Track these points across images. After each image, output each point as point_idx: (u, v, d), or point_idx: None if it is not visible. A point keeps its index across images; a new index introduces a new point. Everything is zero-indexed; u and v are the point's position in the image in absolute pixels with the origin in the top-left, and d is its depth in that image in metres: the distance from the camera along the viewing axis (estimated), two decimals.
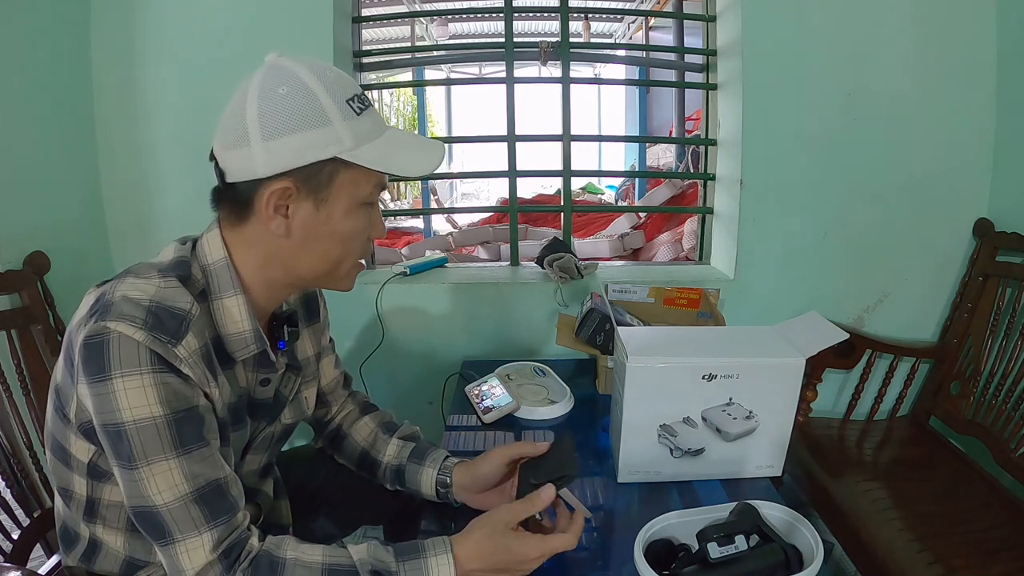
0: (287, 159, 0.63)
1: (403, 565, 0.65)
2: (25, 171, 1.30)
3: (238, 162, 0.65)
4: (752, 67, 1.50)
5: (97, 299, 0.62)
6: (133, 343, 0.59)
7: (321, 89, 0.64)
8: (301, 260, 0.70)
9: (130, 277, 0.64)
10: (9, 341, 1.13)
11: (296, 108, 0.63)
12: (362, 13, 1.69)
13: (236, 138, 0.64)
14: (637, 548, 0.71)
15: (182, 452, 0.61)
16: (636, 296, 1.42)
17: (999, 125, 1.52)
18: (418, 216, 4.20)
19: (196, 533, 0.61)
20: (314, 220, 0.67)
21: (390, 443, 0.93)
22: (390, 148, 0.68)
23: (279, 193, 0.65)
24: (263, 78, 0.64)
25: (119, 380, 0.58)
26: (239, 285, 0.69)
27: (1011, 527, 1.13)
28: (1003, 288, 1.43)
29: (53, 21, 1.37)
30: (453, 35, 4.97)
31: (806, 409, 1.50)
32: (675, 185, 2.72)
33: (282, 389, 0.81)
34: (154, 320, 0.60)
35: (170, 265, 0.67)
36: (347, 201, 0.67)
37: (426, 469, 0.89)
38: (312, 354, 0.88)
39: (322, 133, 0.64)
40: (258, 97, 0.63)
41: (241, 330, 0.69)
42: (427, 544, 0.67)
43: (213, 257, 0.69)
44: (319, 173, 0.65)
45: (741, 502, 0.72)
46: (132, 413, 0.59)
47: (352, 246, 0.71)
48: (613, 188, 4.68)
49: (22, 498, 1.07)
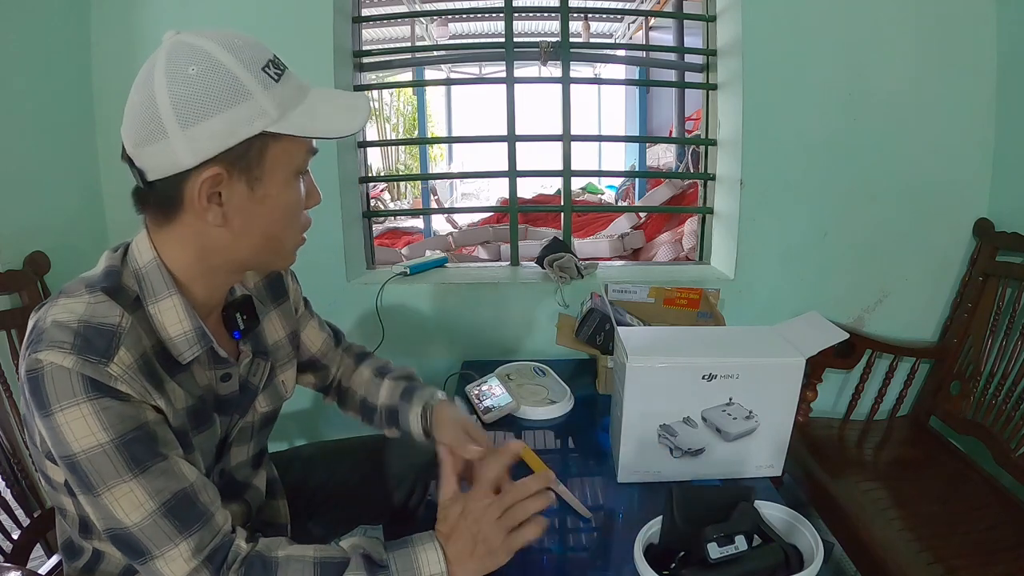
0: (213, 144, 0.59)
1: (392, 553, 0.65)
2: (25, 171, 1.30)
3: (157, 157, 0.60)
4: (752, 67, 1.50)
5: (33, 326, 0.61)
6: (65, 372, 0.57)
7: (233, 61, 0.59)
8: (241, 245, 0.66)
9: (62, 298, 0.61)
10: (9, 341, 1.13)
11: (211, 87, 0.58)
12: (362, 13, 1.69)
13: (150, 132, 0.59)
14: (637, 548, 0.71)
15: (139, 472, 0.59)
16: (636, 296, 1.43)
17: (999, 125, 1.52)
18: (418, 216, 4.21)
19: (172, 545, 0.60)
20: (250, 201, 0.63)
21: (383, 385, 0.93)
22: (315, 111, 0.64)
23: (210, 181, 0.60)
24: (167, 60, 0.59)
25: (59, 414, 0.57)
26: (173, 285, 0.65)
27: (1011, 527, 1.13)
28: (1003, 288, 1.43)
29: (53, 21, 1.37)
30: (453, 35, 4.98)
31: (806, 409, 1.50)
32: (675, 185, 2.72)
33: (251, 379, 0.78)
34: (82, 342, 0.58)
35: (99, 277, 0.64)
36: (282, 174, 0.64)
37: (413, 407, 0.88)
38: (284, 335, 0.85)
39: (245, 109, 0.59)
40: (167, 82, 0.58)
41: (182, 331, 0.66)
42: (413, 537, 0.67)
43: (143, 260, 0.66)
44: (248, 152, 0.61)
45: (738, 486, 0.71)
46: (80, 444, 0.57)
47: (292, 220, 0.68)
48: (613, 188, 4.69)
49: (22, 498, 1.07)
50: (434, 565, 0.65)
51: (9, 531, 1.04)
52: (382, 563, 0.64)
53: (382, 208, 4.90)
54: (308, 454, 1.06)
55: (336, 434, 1.20)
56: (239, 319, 0.75)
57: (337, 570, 0.63)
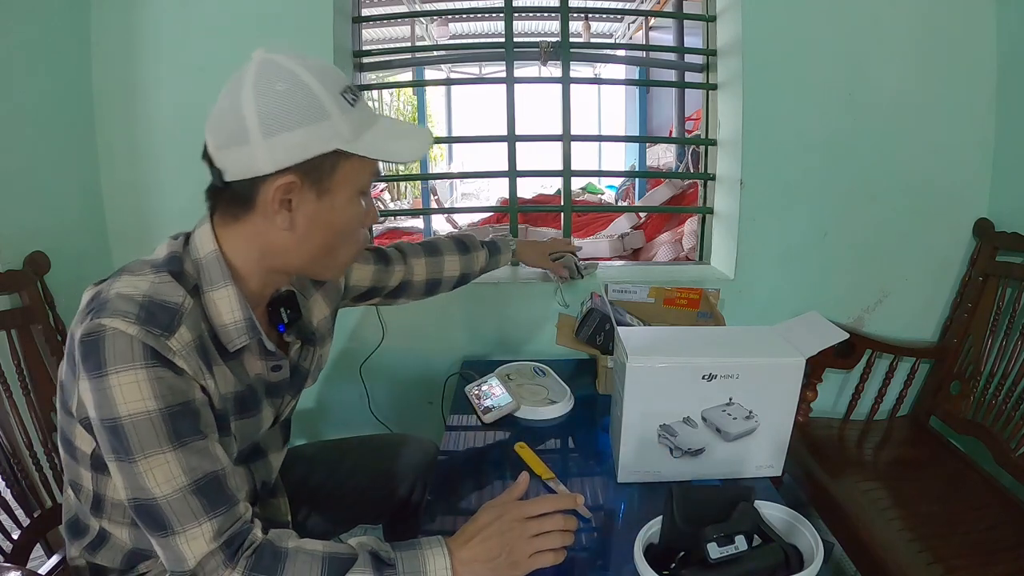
0: (291, 154, 0.64)
1: (400, 553, 0.66)
2: (25, 171, 1.29)
3: (238, 161, 0.65)
4: (752, 67, 1.50)
5: (93, 297, 0.64)
6: (127, 338, 0.60)
7: (317, 84, 0.65)
8: (302, 250, 0.71)
9: (124, 275, 0.65)
10: (9, 341, 1.13)
11: (296, 104, 0.64)
12: (362, 13, 1.69)
13: (234, 137, 0.64)
14: (637, 548, 0.71)
15: (178, 445, 0.61)
16: (636, 296, 1.42)
17: (999, 125, 1.52)
18: (418, 216, 4.20)
19: (196, 524, 0.61)
20: (317, 211, 0.68)
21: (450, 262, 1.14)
22: (384, 136, 0.70)
23: (284, 188, 0.66)
24: (257, 75, 0.64)
25: (114, 376, 0.59)
26: (230, 277, 0.70)
27: (1011, 527, 1.13)
28: (1003, 288, 1.43)
29: (53, 21, 1.37)
30: (453, 35, 4.97)
31: (806, 409, 1.50)
32: (675, 185, 2.72)
33: (301, 363, 0.84)
34: (147, 314, 0.61)
35: (163, 261, 0.68)
36: (348, 191, 0.70)
37: (496, 259, 1.23)
38: (327, 313, 0.91)
39: (323, 127, 0.65)
40: (255, 95, 0.64)
41: (233, 320, 0.70)
42: (421, 540, 0.68)
43: (204, 251, 0.70)
44: (322, 165, 0.66)
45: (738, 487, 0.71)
46: (128, 408, 0.60)
47: (351, 234, 0.74)
48: (613, 188, 4.68)
49: (22, 498, 1.07)
50: (441, 570, 0.65)
51: (9, 531, 1.04)
52: (390, 562, 0.65)
53: (382, 208, 4.90)
54: (309, 453, 1.06)
55: (336, 434, 1.20)
56: (283, 313, 0.79)
57: (344, 566, 0.63)
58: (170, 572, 0.63)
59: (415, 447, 1.09)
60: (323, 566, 0.63)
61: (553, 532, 0.69)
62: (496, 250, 1.23)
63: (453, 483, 0.97)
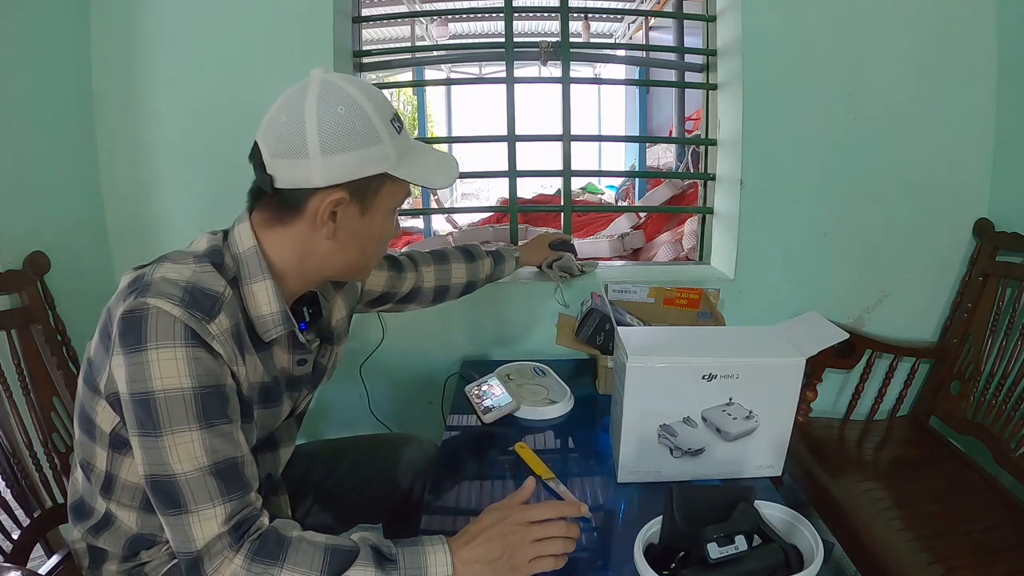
0: (344, 172, 0.70)
1: (401, 549, 0.67)
2: (25, 171, 1.29)
3: (293, 171, 0.69)
4: (752, 67, 1.50)
5: (135, 279, 0.68)
6: (170, 318, 0.63)
7: (373, 111, 0.70)
8: (340, 258, 0.76)
9: (167, 262, 0.69)
10: (9, 341, 1.13)
11: (354, 128, 0.69)
12: (362, 13, 1.69)
13: (293, 150, 0.68)
14: (637, 548, 0.71)
15: (205, 425, 0.64)
16: (636, 296, 1.43)
17: (999, 125, 1.52)
18: (418, 216, 4.20)
19: (210, 505, 0.63)
20: (358, 225, 0.74)
21: (456, 269, 1.17)
22: (422, 163, 0.76)
23: (334, 202, 0.71)
24: (320, 96, 0.69)
25: (153, 351, 0.62)
26: (268, 271, 0.73)
27: (1011, 527, 1.13)
28: (1003, 288, 1.43)
29: (53, 21, 1.37)
30: (453, 35, 4.97)
31: (806, 409, 1.50)
32: (675, 185, 2.72)
33: (320, 360, 0.89)
34: (190, 298, 0.65)
35: (205, 253, 0.72)
36: (386, 208, 0.76)
37: (507, 265, 1.27)
38: (345, 313, 0.94)
39: (375, 151, 0.71)
40: (317, 115, 0.68)
41: (270, 312, 0.74)
42: (423, 537, 0.69)
43: (244, 246, 0.74)
44: (369, 185, 0.72)
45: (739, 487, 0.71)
46: (163, 383, 0.62)
47: (382, 246, 0.82)
48: (613, 188, 4.68)
49: (22, 498, 1.07)
50: (441, 568, 0.66)
51: (9, 531, 1.04)
52: (391, 557, 0.66)
53: None
54: (309, 452, 1.06)
55: (336, 433, 1.20)
56: (305, 312, 0.85)
57: (346, 558, 0.64)
58: (176, 552, 0.64)
59: (415, 447, 1.10)
60: (325, 556, 0.64)
61: (555, 538, 0.69)
62: (500, 259, 1.26)
63: (453, 483, 0.97)
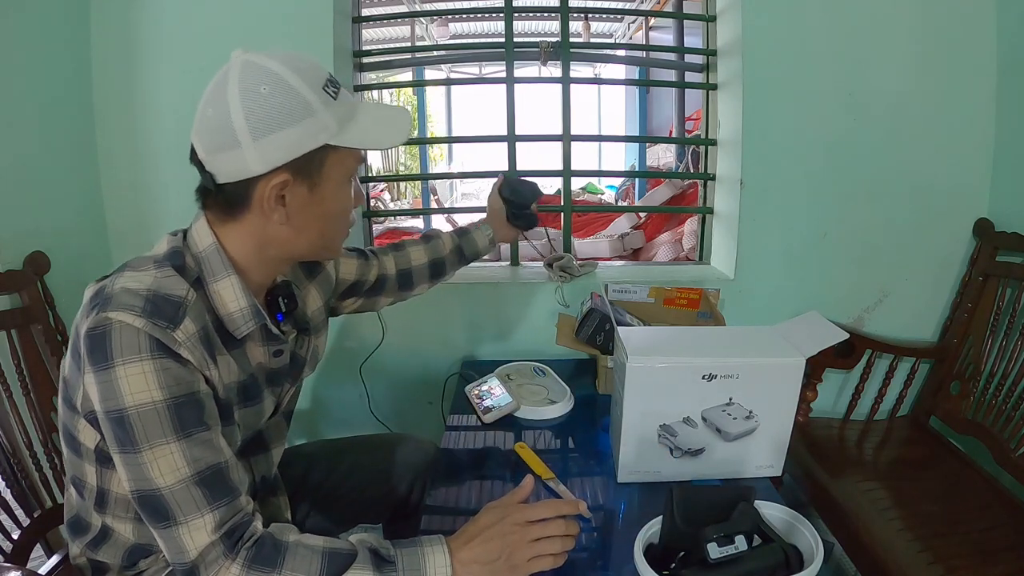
0: (281, 153, 0.66)
1: (400, 550, 0.66)
2: (25, 171, 1.29)
3: (230, 164, 0.67)
4: (752, 67, 1.50)
5: (96, 292, 0.65)
6: (133, 330, 0.61)
7: (300, 82, 0.66)
8: (300, 240, 0.73)
9: (127, 271, 0.67)
10: (9, 341, 1.13)
11: (282, 105, 0.65)
12: (362, 13, 1.69)
13: (224, 142, 0.66)
14: (637, 548, 0.71)
15: (183, 436, 0.62)
16: (636, 296, 1.42)
17: (999, 125, 1.52)
18: (418, 216, 4.20)
19: (198, 514, 0.62)
20: (310, 203, 0.71)
21: (443, 237, 1.14)
22: (366, 124, 0.72)
23: (278, 186, 0.68)
24: (241, 79, 0.66)
25: (120, 367, 0.60)
26: (231, 267, 0.71)
27: (1011, 527, 1.13)
28: (1003, 288, 1.43)
29: (53, 21, 1.37)
30: (453, 35, 4.97)
31: (806, 409, 1.50)
32: (675, 185, 2.72)
33: (298, 351, 0.86)
34: (152, 307, 0.63)
35: (165, 256, 0.70)
36: (336, 179, 0.72)
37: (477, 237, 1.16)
38: (321, 303, 0.92)
39: (310, 124, 0.67)
40: (241, 100, 0.65)
41: (239, 307, 0.72)
42: (421, 538, 0.69)
43: (203, 245, 0.71)
44: (311, 161, 0.69)
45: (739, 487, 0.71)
46: (134, 398, 0.61)
47: (343, 219, 0.77)
48: (613, 188, 4.68)
49: (22, 498, 1.07)
50: (440, 569, 0.65)
51: (9, 531, 1.04)
52: (389, 559, 0.65)
53: (382, 208, 4.90)
54: (308, 452, 1.06)
55: (336, 433, 1.20)
56: (281, 303, 0.81)
57: (344, 561, 0.64)
58: (172, 564, 0.64)
59: (414, 447, 1.09)
60: (323, 561, 0.63)
61: (554, 537, 0.68)
62: (463, 232, 1.17)
63: (453, 483, 0.97)
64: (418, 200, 6.44)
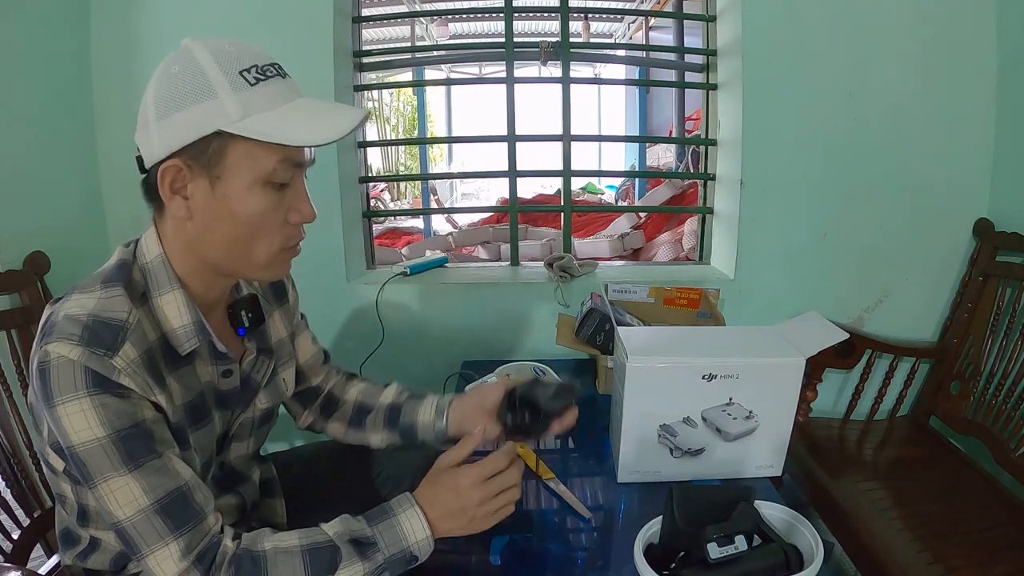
0: (176, 137, 0.62)
1: (377, 528, 0.66)
2: (25, 171, 1.30)
3: (144, 146, 0.65)
4: (752, 67, 1.50)
5: (46, 318, 0.63)
6: (70, 365, 0.59)
7: (211, 63, 0.61)
8: (206, 243, 0.67)
9: (75, 293, 0.64)
10: (9, 341, 1.13)
11: (184, 85, 0.61)
12: (362, 13, 1.69)
13: (140, 122, 0.64)
14: (637, 548, 0.71)
15: (133, 467, 0.60)
16: (636, 296, 1.42)
17: (999, 125, 1.52)
18: (418, 216, 4.20)
19: (162, 543, 0.60)
20: (212, 199, 0.64)
21: (388, 389, 0.96)
22: (290, 118, 0.63)
23: (171, 171, 0.63)
24: (165, 62, 0.64)
25: (61, 407, 0.59)
26: (176, 280, 0.68)
27: (1011, 527, 1.13)
28: (1003, 288, 1.43)
29: (53, 21, 1.37)
30: (453, 35, 4.97)
31: (806, 409, 1.50)
32: (675, 185, 2.72)
33: (253, 375, 0.80)
34: (90, 335, 0.60)
35: (112, 272, 0.66)
36: (246, 178, 0.64)
37: (426, 401, 0.91)
38: (286, 335, 0.87)
39: (206, 107, 0.61)
40: (155, 80, 0.63)
41: (182, 324, 0.68)
42: (392, 504, 0.69)
43: (150, 256, 0.69)
44: (207, 149, 0.62)
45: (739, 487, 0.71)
46: (78, 436, 0.59)
47: (263, 229, 0.66)
48: (613, 188, 4.68)
49: (22, 498, 1.07)
50: (419, 531, 0.67)
51: (9, 531, 1.04)
52: (369, 541, 0.65)
53: (382, 208, 4.90)
54: (307, 454, 1.06)
55: None
56: (244, 316, 0.77)
57: (325, 556, 0.63)
58: None
59: (413, 448, 1.09)
60: (304, 561, 0.63)
61: (509, 488, 0.70)
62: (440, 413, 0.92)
63: None
64: (418, 200, 6.45)
